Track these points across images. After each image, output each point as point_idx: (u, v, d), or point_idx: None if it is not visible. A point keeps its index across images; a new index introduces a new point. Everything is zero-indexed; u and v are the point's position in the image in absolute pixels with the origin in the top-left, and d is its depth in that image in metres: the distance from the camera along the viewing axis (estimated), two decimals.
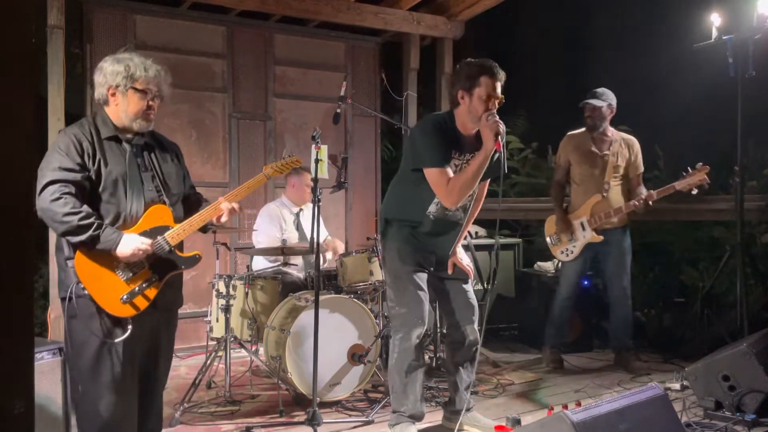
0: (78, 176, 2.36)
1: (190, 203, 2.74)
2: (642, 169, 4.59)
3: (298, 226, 4.82)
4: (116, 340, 2.40)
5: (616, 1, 7.16)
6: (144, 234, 2.46)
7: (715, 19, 4.21)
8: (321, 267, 3.59)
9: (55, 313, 4.27)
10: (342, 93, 4.06)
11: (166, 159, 2.64)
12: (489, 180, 3.33)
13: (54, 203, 2.29)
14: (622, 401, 2.63)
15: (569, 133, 4.69)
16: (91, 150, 2.42)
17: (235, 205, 2.65)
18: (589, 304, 5.12)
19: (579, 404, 2.89)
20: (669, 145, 6.17)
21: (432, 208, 3.22)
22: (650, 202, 4.29)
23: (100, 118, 2.51)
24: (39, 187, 2.34)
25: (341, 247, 4.84)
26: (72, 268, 2.39)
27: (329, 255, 4.79)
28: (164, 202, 2.55)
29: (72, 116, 4.77)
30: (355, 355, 3.86)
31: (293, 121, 5.82)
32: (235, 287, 4.01)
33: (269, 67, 5.69)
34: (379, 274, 4.06)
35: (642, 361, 4.68)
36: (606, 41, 7.20)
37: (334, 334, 3.81)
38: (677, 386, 4.00)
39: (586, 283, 4.95)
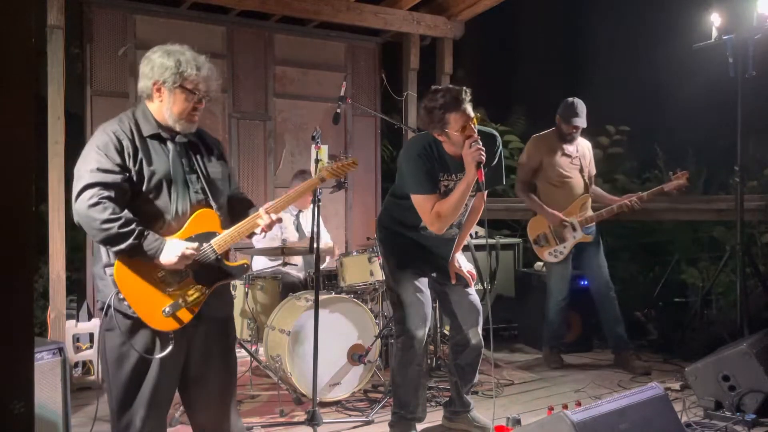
0: (117, 178, 2.19)
1: (233, 204, 2.54)
2: (595, 171, 4.75)
3: (298, 227, 4.82)
4: (157, 357, 2.23)
5: (616, 1, 7.17)
6: (189, 240, 2.28)
7: (715, 19, 4.21)
8: (321, 267, 3.59)
9: (55, 313, 4.27)
10: (342, 93, 4.06)
11: (212, 158, 2.44)
12: (486, 192, 3.24)
13: (92, 209, 2.13)
14: (622, 401, 2.63)
15: (537, 135, 4.70)
16: (131, 149, 2.24)
17: (274, 217, 2.42)
18: (588, 304, 5.11)
19: (579, 404, 2.89)
20: (669, 145, 6.17)
21: (424, 224, 3.22)
22: (640, 202, 4.40)
23: (141, 113, 2.33)
24: (76, 191, 2.18)
25: (336, 252, 4.83)
26: (111, 276, 2.22)
27: (327, 258, 4.80)
28: (210, 206, 2.36)
29: (72, 116, 4.77)
30: (355, 355, 3.86)
31: (293, 121, 5.82)
32: (235, 287, 4.00)
33: (269, 67, 5.68)
34: (379, 274, 4.06)
35: (642, 360, 4.68)
36: (606, 41, 7.20)
37: (334, 334, 3.81)
38: (677, 386, 4.00)
39: (584, 283, 4.94)
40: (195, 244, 2.26)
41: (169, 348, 2.24)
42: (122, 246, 2.15)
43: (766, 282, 4.49)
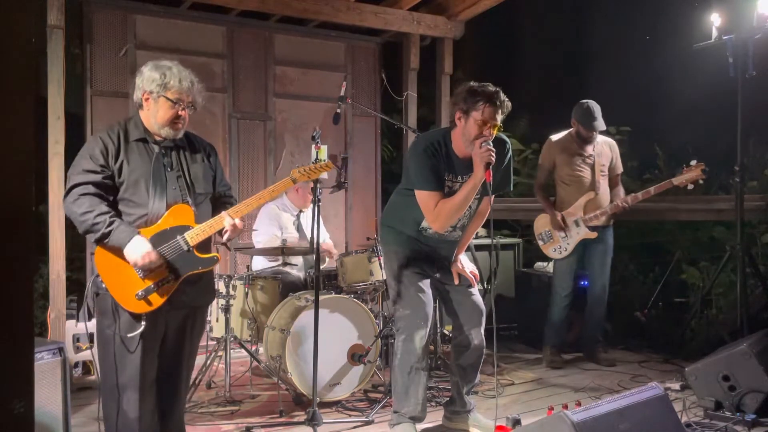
0: (98, 177, 2.46)
1: (219, 204, 2.76)
2: (621, 170, 4.79)
3: (299, 227, 4.82)
4: (129, 335, 2.47)
5: (616, 1, 7.16)
6: (163, 233, 2.52)
7: (715, 19, 4.21)
8: (321, 267, 3.59)
9: (55, 313, 4.27)
10: (342, 93, 4.05)
11: (196, 159, 2.69)
12: (493, 196, 3.23)
13: (72, 204, 2.44)
14: (622, 401, 2.63)
15: (552, 137, 4.77)
16: (114, 151, 2.51)
17: (238, 222, 2.62)
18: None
19: (579, 404, 2.89)
20: (669, 145, 6.17)
21: (425, 223, 3.22)
22: (645, 199, 4.42)
23: (133, 122, 2.61)
24: (64, 191, 2.49)
25: (333, 250, 4.81)
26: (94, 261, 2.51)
27: (326, 258, 4.79)
28: (187, 202, 2.60)
29: (72, 116, 4.77)
30: (355, 355, 3.86)
31: (293, 121, 5.81)
32: (235, 287, 4.00)
33: (269, 67, 5.68)
34: (379, 274, 4.06)
35: (606, 353, 4.79)
36: (606, 41, 7.20)
37: (334, 334, 3.81)
38: (677, 386, 4.00)
39: (584, 283, 4.95)
40: (156, 254, 2.47)
41: (141, 328, 2.47)
42: (97, 235, 2.43)
43: (766, 282, 4.49)
